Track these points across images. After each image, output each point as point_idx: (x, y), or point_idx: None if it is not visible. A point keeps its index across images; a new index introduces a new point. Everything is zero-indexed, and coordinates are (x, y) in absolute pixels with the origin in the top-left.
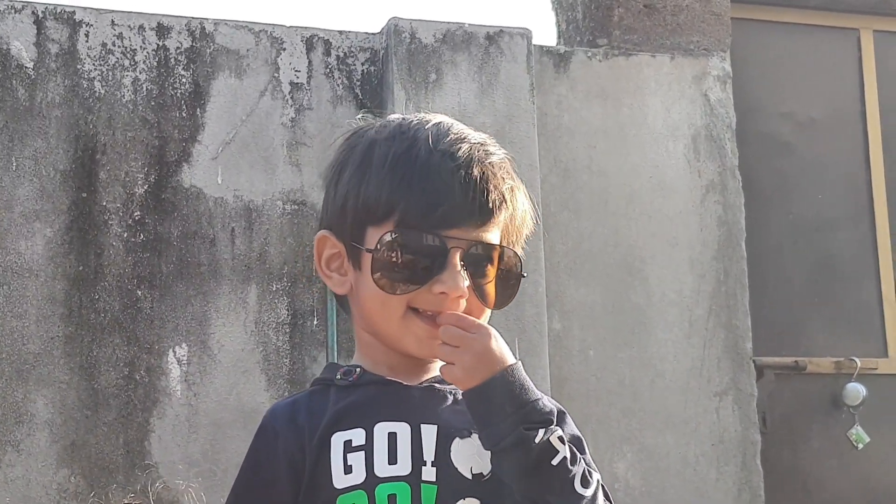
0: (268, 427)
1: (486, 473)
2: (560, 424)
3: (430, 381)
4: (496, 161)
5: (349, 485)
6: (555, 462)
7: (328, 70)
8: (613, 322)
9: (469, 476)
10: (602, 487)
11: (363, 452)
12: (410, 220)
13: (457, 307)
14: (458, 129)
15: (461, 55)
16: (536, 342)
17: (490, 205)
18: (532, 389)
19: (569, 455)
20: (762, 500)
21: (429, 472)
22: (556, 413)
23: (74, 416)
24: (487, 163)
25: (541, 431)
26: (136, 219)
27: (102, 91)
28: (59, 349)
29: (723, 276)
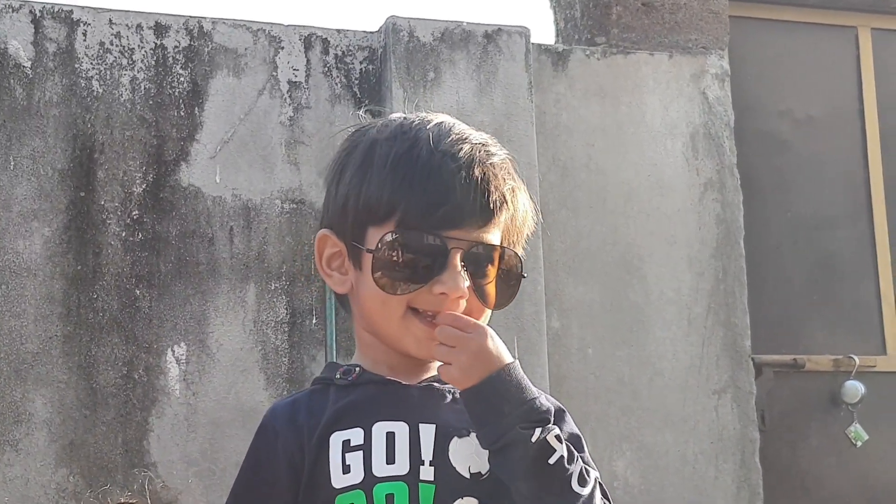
0: (268, 426)
1: (485, 472)
2: (559, 423)
3: (430, 381)
4: (497, 161)
5: (347, 484)
6: (552, 461)
7: (326, 69)
8: (612, 320)
9: (467, 475)
10: (600, 486)
11: (361, 452)
12: (411, 221)
13: (457, 307)
14: (460, 130)
15: (459, 54)
16: (535, 341)
17: (491, 205)
18: (529, 388)
19: (566, 454)
20: (761, 498)
21: (427, 472)
22: (555, 411)
23: (73, 416)
24: (488, 163)
25: (538, 430)
26: (135, 218)
27: (100, 90)
28: (58, 348)
29: (721, 275)
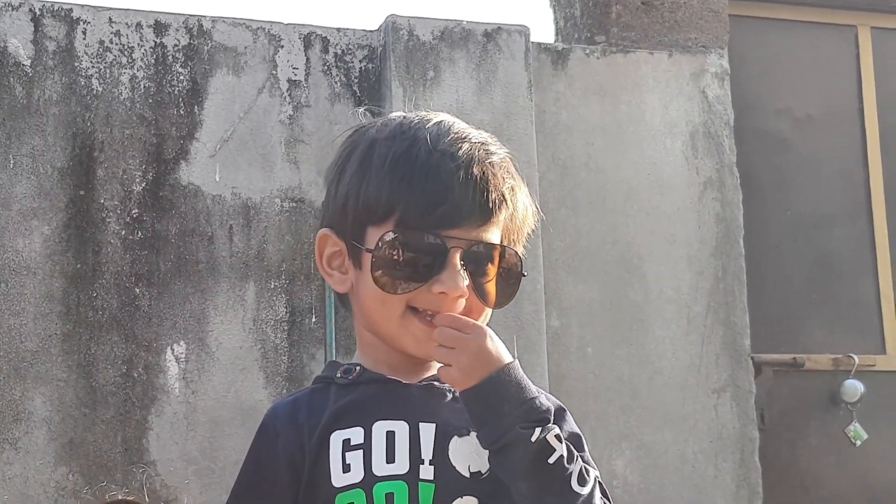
0: (269, 425)
1: (485, 472)
2: (559, 422)
3: (430, 380)
4: (496, 161)
5: (347, 483)
6: (551, 460)
7: (326, 67)
8: (612, 319)
9: (467, 474)
10: (600, 485)
11: (361, 451)
12: (410, 220)
13: (456, 307)
14: (459, 129)
15: (459, 52)
16: (535, 340)
17: (490, 205)
18: (529, 388)
19: (566, 453)
20: (760, 497)
21: (426, 471)
22: (555, 410)
23: (72, 414)
24: (488, 162)
25: (537, 430)
26: (134, 216)
27: (100, 88)
28: (57, 347)
29: (721, 273)
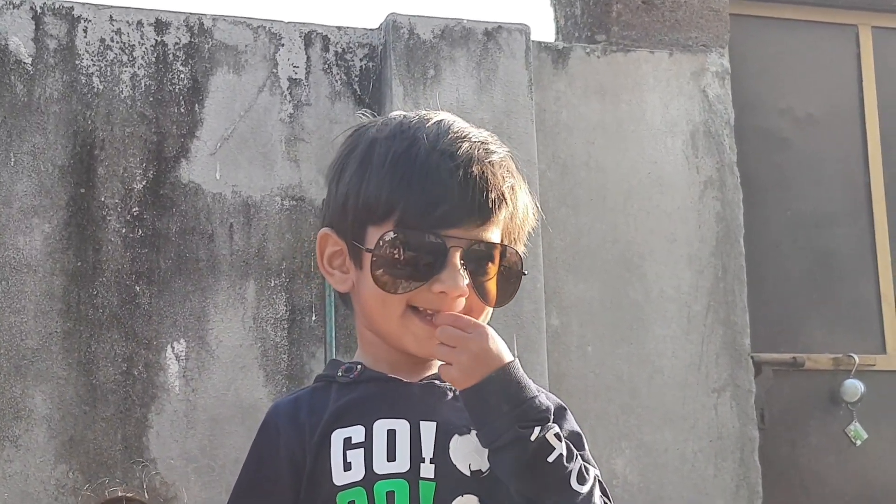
0: (270, 424)
1: (485, 470)
2: (559, 421)
3: (431, 378)
4: (496, 160)
5: (348, 482)
6: (551, 459)
7: (326, 66)
8: (612, 318)
9: (467, 473)
10: (600, 483)
11: (362, 449)
12: (410, 220)
13: (456, 306)
14: (459, 128)
15: (459, 51)
16: (535, 338)
17: (489, 204)
18: (529, 387)
19: (565, 452)
20: (760, 497)
21: (427, 469)
22: (555, 409)
23: (73, 412)
24: (487, 162)
25: (536, 429)
26: (135, 214)
27: (101, 87)
28: (58, 345)
29: (721, 273)
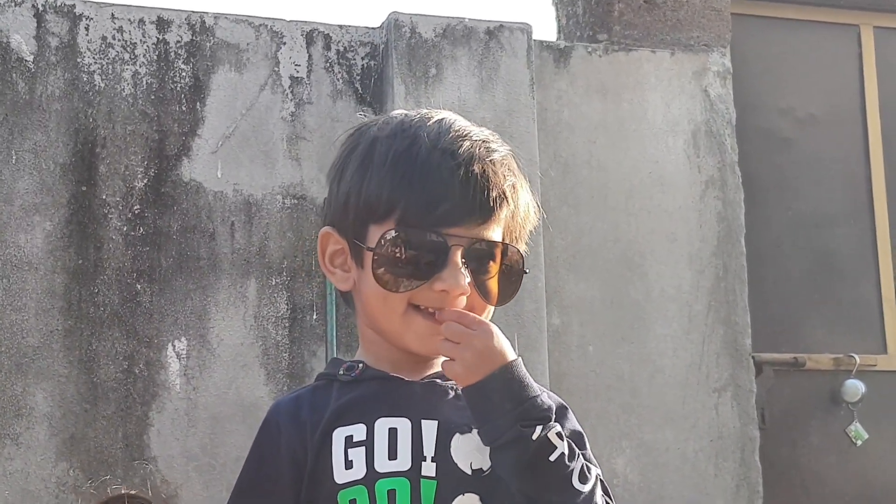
0: (271, 422)
1: (486, 469)
2: (560, 420)
3: (432, 377)
4: (497, 158)
5: (350, 480)
6: (552, 458)
7: (328, 64)
8: (613, 317)
9: (469, 471)
10: (601, 483)
11: (364, 448)
12: (411, 219)
13: (458, 304)
14: (460, 127)
15: (461, 50)
16: (535, 337)
17: (491, 202)
18: (531, 386)
19: (567, 451)
20: (760, 496)
21: (429, 468)
22: (556, 408)
23: (73, 410)
24: (488, 160)
25: (538, 428)
26: (136, 212)
27: (102, 85)
28: (59, 342)
29: (722, 272)
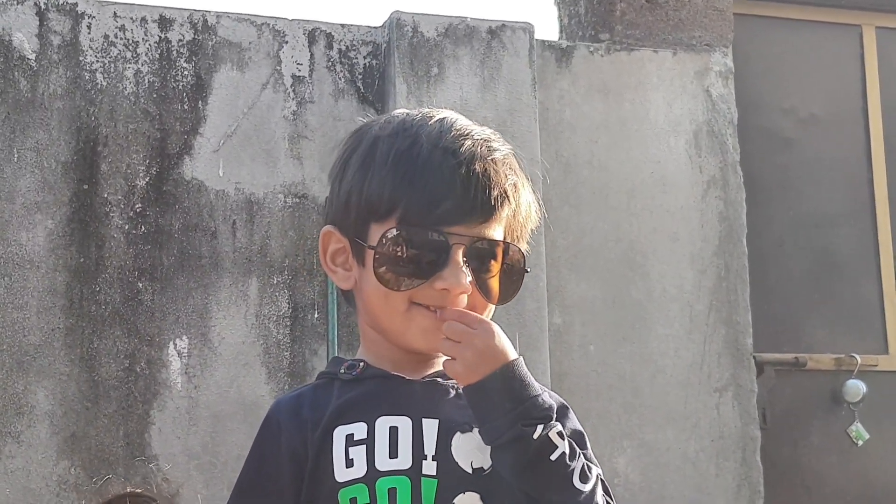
0: (272, 420)
1: (487, 468)
2: (561, 419)
3: (433, 376)
4: (499, 157)
5: (350, 478)
6: (553, 457)
7: (330, 63)
8: (614, 317)
9: (469, 470)
10: (602, 482)
11: (364, 446)
12: (412, 218)
13: (459, 303)
14: (462, 126)
15: (463, 49)
16: (537, 337)
17: (492, 202)
18: (532, 385)
19: (567, 450)
20: (762, 496)
21: (429, 466)
22: (557, 408)
23: (75, 408)
24: (490, 159)
25: (539, 427)
26: (138, 211)
27: (104, 83)
28: (60, 341)
29: (723, 272)
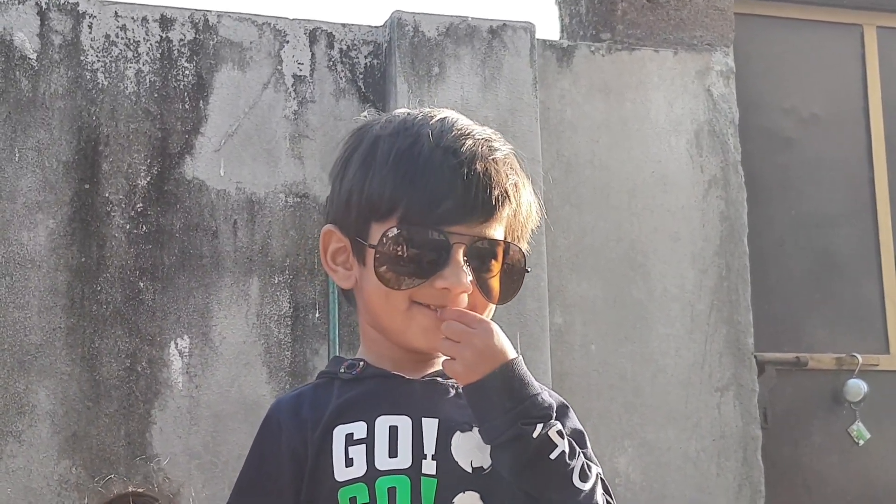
0: (272, 420)
1: (487, 467)
2: (561, 418)
3: (433, 375)
4: (500, 157)
5: (350, 477)
6: (553, 456)
7: (331, 63)
8: (615, 317)
9: (469, 470)
10: (602, 481)
11: (364, 445)
12: (413, 217)
13: (460, 303)
14: (462, 125)
15: (464, 49)
16: (538, 336)
17: (493, 201)
18: (532, 384)
19: (567, 449)
20: (762, 496)
21: (429, 466)
22: (557, 407)
23: (76, 408)
24: (490, 159)
25: (539, 426)
26: (139, 210)
27: (105, 82)
28: (61, 340)
29: (725, 272)
